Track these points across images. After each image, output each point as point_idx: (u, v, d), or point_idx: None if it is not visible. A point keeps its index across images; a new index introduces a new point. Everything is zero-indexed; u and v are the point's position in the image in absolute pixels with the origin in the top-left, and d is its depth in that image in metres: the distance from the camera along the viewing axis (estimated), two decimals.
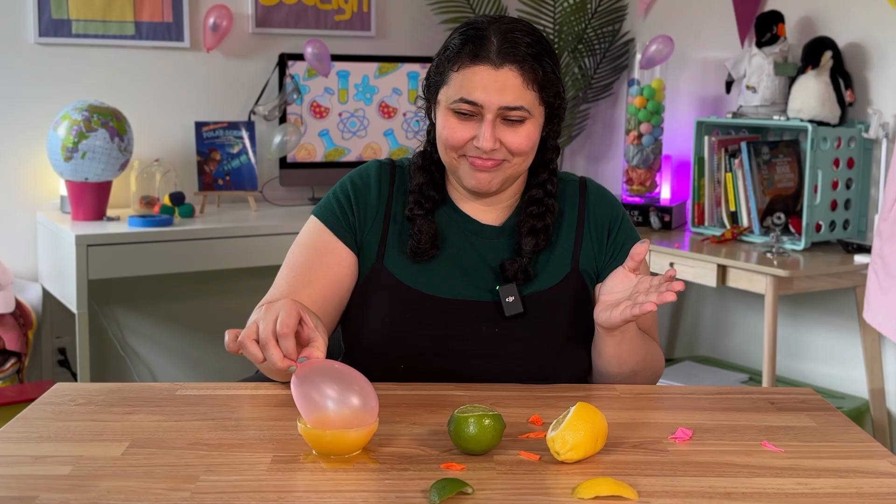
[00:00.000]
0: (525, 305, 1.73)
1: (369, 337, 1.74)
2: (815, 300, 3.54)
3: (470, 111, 1.68)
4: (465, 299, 1.74)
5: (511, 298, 1.72)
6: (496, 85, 1.66)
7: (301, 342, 1.44)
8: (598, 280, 1.81)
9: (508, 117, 1.67)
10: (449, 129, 1.70)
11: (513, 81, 1.66)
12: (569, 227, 1.81)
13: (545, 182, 1.80)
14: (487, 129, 1.66)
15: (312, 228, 1.79)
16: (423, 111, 1.81)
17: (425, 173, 1.80)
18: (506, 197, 1.80)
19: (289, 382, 1.44)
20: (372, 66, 4.18)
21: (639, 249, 1.61)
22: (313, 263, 1.75)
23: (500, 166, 1.71)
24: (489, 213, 1.80)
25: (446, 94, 1.71)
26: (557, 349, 1.75)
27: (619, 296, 1.63)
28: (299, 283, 1.73)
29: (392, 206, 1.80)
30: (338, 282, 1.75)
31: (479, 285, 1.75)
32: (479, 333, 1.73)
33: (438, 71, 1.74)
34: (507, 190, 1.78)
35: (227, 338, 1.46)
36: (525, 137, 1.69)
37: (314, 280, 1.73)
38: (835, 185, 3.26)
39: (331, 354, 1.89)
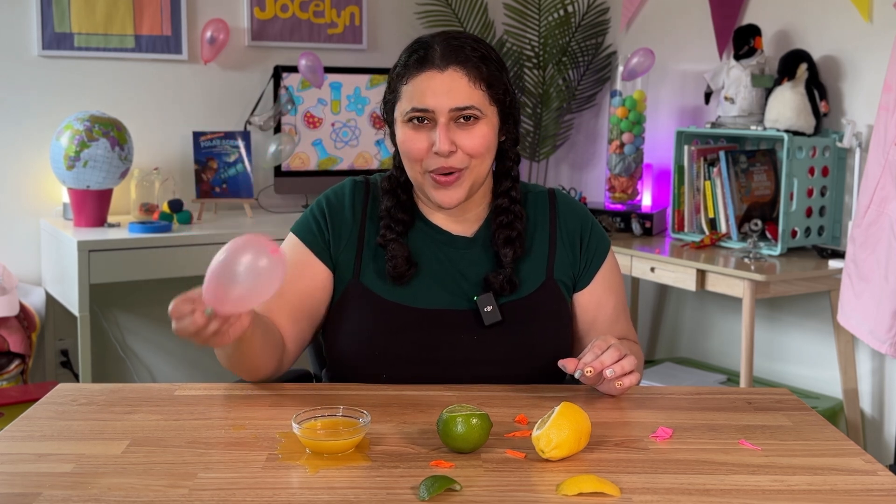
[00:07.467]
0: (503, 314, 1.75)
1: (350, 350, 1.75)
2: (791, 304, 3.57)
3: (423, 116, 1.70)
4: (443, 308, 1.75)
5: (489, 308, 1.74)
6: (443, 87, 1.68)
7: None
8: (574, 289, 1.85)
9: (461, 118, 1.69)
10: (408, 142, 1.72)
11: (459, 81, 1.69)
12: (542, 237, 1.83)
13: (509, 190, 1.82)
14: (442, 132, 1.68)
15: (289, 244, 1.81)
16: (388, 137, 1.82)
17: (392, 197, 1.81)
18: (473, 207, 1.82)
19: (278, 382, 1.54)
20: (363, 78, 4.21)
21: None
22: (287, 275, 1.77)
23: (462, 176, 1.72)
24: (459, 225, 1.82)
25: (400, 109, 1.73)
26: (535, 355, 1.76)
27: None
28: None
29: (366, 224, 1.81)
30: (309, 293, 1.77)
31: (456, 294, 1.76)
32: (459, 341, 1.74)
33: (391, 90, 1.77)
34: (473, 199, 1.80)
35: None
36: (480, 138, 1.70)
37: (285, 290, 1.71)
38: (810, 193, 3.30)
39: (314, 368, 1.95)
